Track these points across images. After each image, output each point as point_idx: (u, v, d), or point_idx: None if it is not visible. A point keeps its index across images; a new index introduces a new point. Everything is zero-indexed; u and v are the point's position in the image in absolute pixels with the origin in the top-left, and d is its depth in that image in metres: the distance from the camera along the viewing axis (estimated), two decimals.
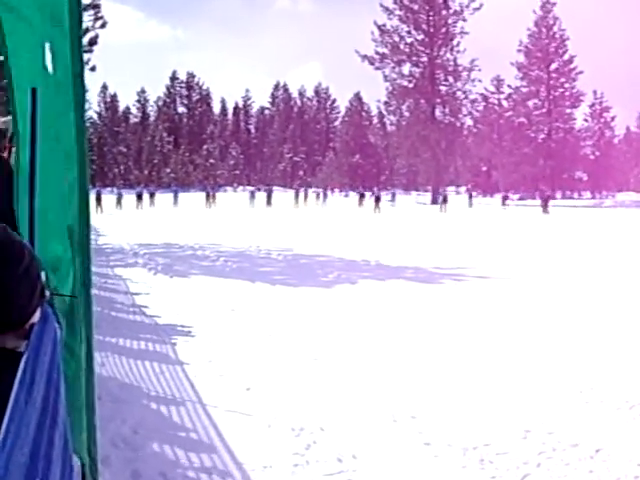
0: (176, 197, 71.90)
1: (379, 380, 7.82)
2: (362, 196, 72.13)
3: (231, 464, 5.49)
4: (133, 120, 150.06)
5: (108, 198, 64.87)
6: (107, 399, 6.80)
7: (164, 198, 74.15)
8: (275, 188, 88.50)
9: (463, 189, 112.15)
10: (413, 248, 24.44)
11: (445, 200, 67.64)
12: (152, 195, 71.25)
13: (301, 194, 78.39)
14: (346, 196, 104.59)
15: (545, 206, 63.09)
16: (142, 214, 53.97)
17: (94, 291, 3.40)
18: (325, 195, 78.50)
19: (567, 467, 5.54)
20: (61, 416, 2.10)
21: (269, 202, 71.04)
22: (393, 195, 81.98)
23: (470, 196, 76.57)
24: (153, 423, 6.28)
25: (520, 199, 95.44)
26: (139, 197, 65.84)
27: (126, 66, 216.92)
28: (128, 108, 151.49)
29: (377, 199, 63.93)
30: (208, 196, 71.30)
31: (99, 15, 25.55)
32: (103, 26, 25.55)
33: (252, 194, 73.42)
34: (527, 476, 5.38)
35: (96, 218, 42.04)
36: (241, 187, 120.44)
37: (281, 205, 70.91)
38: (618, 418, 6.63)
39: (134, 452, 5.65)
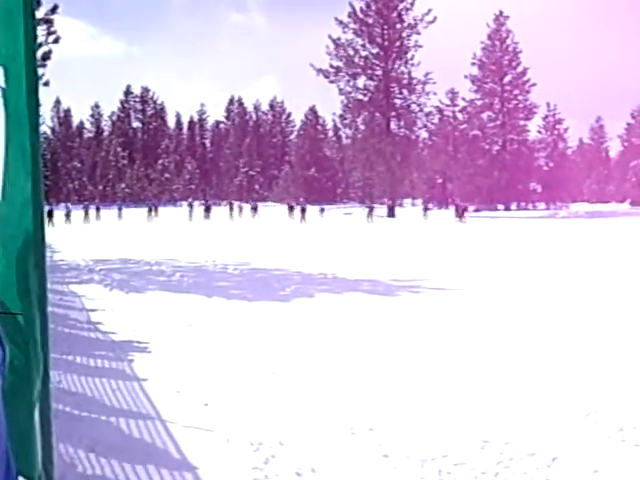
0: (120, 212, 75.81)
1: (337, 393, 7.82)
2: (291, 208, 75.74)
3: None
4: (87, 135, 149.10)
5: (59, 214, 66.62)
6: (63, 417, 6.74)
7: (111, 213, 77.80)
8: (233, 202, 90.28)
9: (419, 201, 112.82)
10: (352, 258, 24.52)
11: (371, 211, 71.16)
12: (98, 210, 75.95)
13: (236, 207, 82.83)
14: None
15: (461, 216, 66.27)
16: (89, 228, 56.93)
17: (49, 308, 3.36)
18: (255, 207, 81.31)
19: (525, 476, 5.58)
20: (2, 436, 2.06)
21: (207, 215, 74.80)
22: (322, 209, 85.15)
23: (425, 208, 77.68)
24: (111, 440, 6.22)
25: (476, 210, 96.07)
26: (85, 212, 70.01)
27: (80, 81, 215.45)
28: (82, 123, 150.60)
29: (303, 210, 69.32)
30: (150, 210, 75.57)
31: (52, 30, 25.32)
32: (56, 41, 25.33)
33: (191, 208, 77.23)
34: None
35: (50, 234, 41.68)
36: (197, 202, 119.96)
37: (218, 218, 73.64)
38: (574, 427, 6.68)
39: (91, 470, 5.60)
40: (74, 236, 42.18)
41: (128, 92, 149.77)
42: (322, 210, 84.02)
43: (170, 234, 45.08)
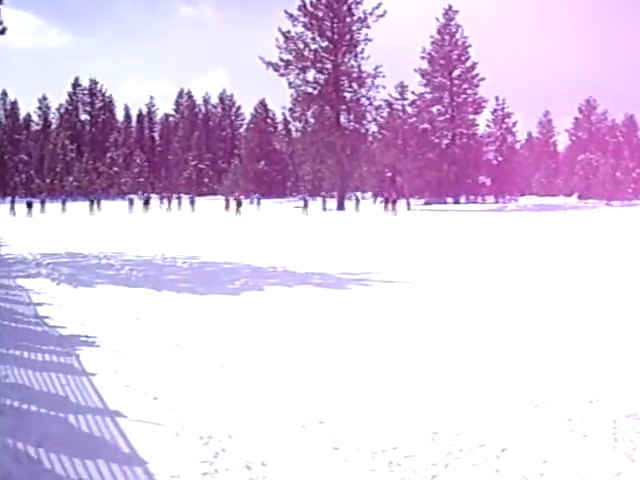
0: (64, 205, 77.75)
1: (287, 386, 7.83)
2: (227, 201, 78.63)
3: (141, 474, 5.43)
4: (34, 128, 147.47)
5: (2, 207, 70.03)
6: (10, 413, 6.68)
7: (57, 206, 78.97)
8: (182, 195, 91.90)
9: (369, 194, 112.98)
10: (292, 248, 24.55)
11: (306, 204, 74.02)
12: (42, 203, 77.31)
13: (174, 200, 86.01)
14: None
15: (393, 208, 70.15)
16: (33, 221, 57.18)
17: None
18: (193, 201, 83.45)
19: (474, 467, 5.63)
20: None
21: (146, 208, 76.87)
22: (259, 200, 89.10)
23: (357, 200, 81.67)
24: (59, 435, 6.15)
25: (425, 204, 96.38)
26: (29, 205, 69.47)
27: (27, 73, 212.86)
28: (29, 115, 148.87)
29: (239, 204, 71.18)
30: (92, 203, 76.34)
31: None
32: (2, 32, 24.98)
33: (131, 202, 79.50)
34: (435, 477, 5.46)
35: None
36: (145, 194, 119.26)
37: (156, 211, 76.91)
38: (523, 418, 6.74)
39: (38, 466, 5.55)
40: (20, 229, 41.71)
41: (76, 84, 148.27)
42: (259, 200, 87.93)
43: (111, 227, 44.83)
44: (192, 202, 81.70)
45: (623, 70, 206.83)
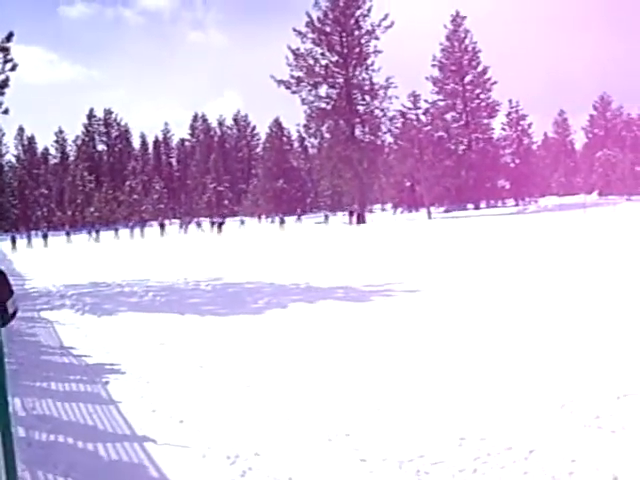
0: (68, 236, 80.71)
1: (313, 402, 7.82)
2: (213, 223, 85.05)
3: None
4: (53, 161, 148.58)
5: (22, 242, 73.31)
6: (37, 445, 6.71)
7: (81, 237, 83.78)
8: (202, 219, 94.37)
9: (389, 206, 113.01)
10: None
11: (327, 219, 77.32)
12: (45, 236, 77.58)
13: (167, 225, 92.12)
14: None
15: (357, 221, 74.32)
16: (48, 251, 59.46)
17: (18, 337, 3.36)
18: (187, 224, 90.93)
19: (502, 470, 5.60)
20: None
21: (142, 234, 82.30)
22: (242, 221, 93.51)
23: (351, 213, 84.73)
24: (87, 465, 6.18)
25: (446, 211, 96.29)
26: (45, 237, 75.61)
27: (42, 107, 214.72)
28: (47, 149, 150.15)
29: (219, 225, 79.25)
30: (90, 233, 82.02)
31: (8, 57, 25.14)
32: (13, 69, 25.14)
33: (116, 231, 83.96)
34: None
35: (18, 262, 41.54)
36: (167, 220, 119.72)
37: (150, 236, 79.59)
38: (549, 418, 6.71)
39: None
40: (40, 262, 41.92)
41: (91, 115, 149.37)
42: (242, 222, 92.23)
43: (134, 254, 45.02)
44: (186, 226, 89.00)
45: (636, 64, 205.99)
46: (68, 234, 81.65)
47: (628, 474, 5.37)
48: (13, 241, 69.70)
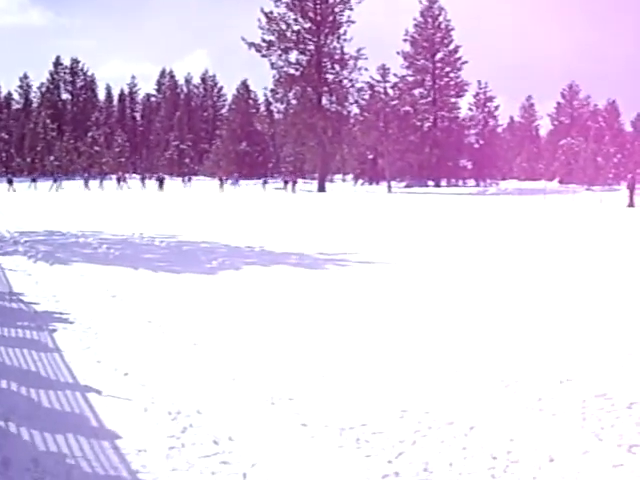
0: (34, 183, 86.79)
1: (257, 364, 7.82)
2: (143, 179, 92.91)
3: (109, 448, 5.43)
4: (15, 106, 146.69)
5: None
6: None
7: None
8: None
9: (350, 177, 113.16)
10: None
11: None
12: (10, 182, 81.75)
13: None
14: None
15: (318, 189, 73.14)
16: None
17: None
18: (120, 180, 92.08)
19: (442, 444, 5.64)
20: None
21: (86, 186, 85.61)
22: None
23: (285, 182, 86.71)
24: (27, 410, 6.16)
25: (407, 186, 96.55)
26: (10, 182, 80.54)
27: (8, 52, 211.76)
28: (10, 94, 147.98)
29: (161, 181, 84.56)
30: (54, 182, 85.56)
31: None
32: None
33: (86, 182, 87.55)
34: (402, 454, 5.46)
35: None
36: (127, 174, 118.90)
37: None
38: (493, 397, 6.77)
39: (3, 439, 5.54)
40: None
41: (58, 63, 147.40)
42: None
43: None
44: (118, 180, 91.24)
45: (606, 55, 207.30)
46: (34, 180, 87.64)
47: (565, 455, 5.43)
48: None
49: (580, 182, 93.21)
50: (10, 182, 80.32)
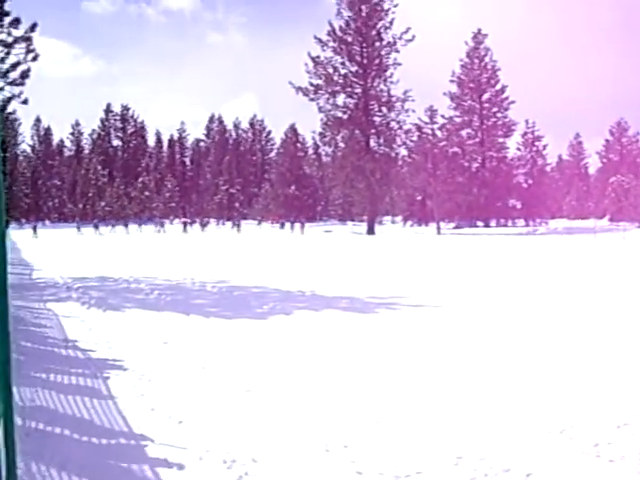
0: (79, 229, 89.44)
1: (310, 410, 7.81)
2: (185, 224, 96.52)
3: None
4: (67, 153, 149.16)
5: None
6: (35, 435, 6.71)
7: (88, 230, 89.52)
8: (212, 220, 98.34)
9: (399, 218, 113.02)
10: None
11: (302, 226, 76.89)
12: (96, 227, 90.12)
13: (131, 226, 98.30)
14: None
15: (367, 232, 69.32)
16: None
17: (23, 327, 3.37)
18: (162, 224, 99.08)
19: None
20: None
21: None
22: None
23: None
24: (83, 459, 6.19)
25: (456, 227, 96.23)
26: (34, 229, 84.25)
27: (61, 100, 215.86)
28: (62, 141, 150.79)
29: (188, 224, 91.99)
30: (96, 227, 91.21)
31: (31, 48, 25.20)
32: (35, 59, 25.17)
33: (96, 226, 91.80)
34: None
35: (28, 251, 41.65)
36: (177, 219, 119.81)
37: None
38: (548, 442, 6.69)
39: None
40: (45, 252, 42.00)
41: (108, 110, 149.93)
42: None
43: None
44: (161, 225, 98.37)
45: None
46: (79, 228, 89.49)
47: None
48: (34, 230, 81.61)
49: (631, 220, 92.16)
50: (96, 227, 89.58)
